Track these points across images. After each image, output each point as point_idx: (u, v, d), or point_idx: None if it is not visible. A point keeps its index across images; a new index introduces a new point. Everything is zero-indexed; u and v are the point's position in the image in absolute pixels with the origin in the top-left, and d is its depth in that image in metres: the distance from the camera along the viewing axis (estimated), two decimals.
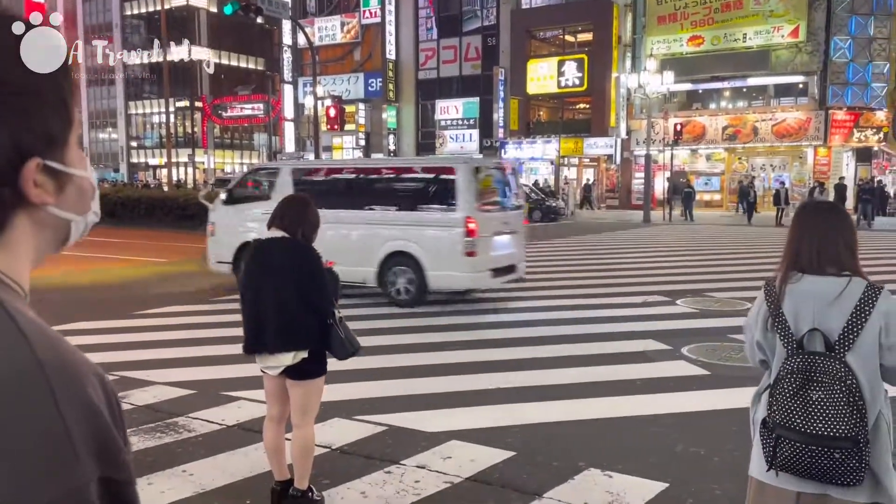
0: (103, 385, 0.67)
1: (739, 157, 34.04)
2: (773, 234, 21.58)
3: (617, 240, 19.25)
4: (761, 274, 11.90)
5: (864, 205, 24.85)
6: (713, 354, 6.51)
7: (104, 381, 0.68)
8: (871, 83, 30.98)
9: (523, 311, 8.67)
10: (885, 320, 2.16)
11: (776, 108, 32.65)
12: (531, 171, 38.28)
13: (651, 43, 34.53)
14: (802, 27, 30.95)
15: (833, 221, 2.33)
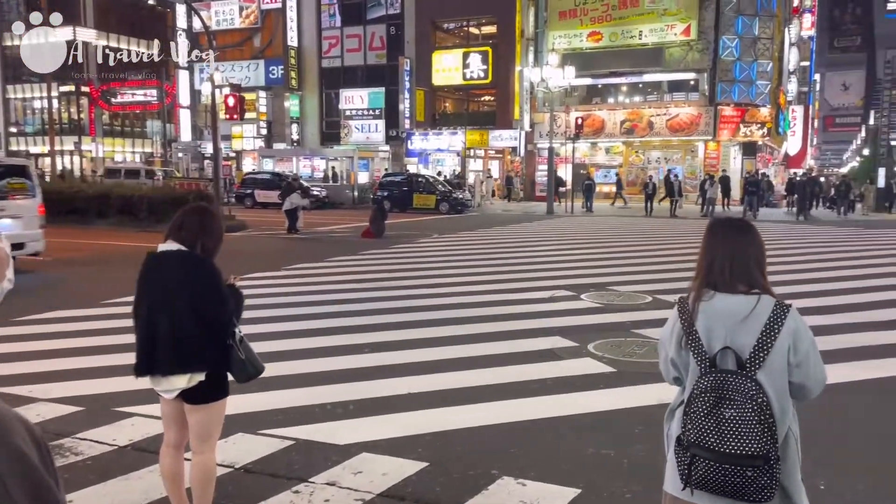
0: (30, 432, 0.70)
1: (636, 150, 35.34)
2: (669, 225, 22.54)
3: (523, 232, 19.55)
4: (660, 267, 12.38)
5: (750, 197, 26.33)
6: (618, 351, 6.65)
7: (31, 429, 0.71)
8: (756, 81, 32.85)
9: (428, 310, 8.59)
10: (793, 338, 2.20)
11: (670, 104, 34.09)
12: (437, 162, 38.37)
13: (553, 37, 35.24)
14: (694, 26, 32.40)
15: (743, 239, 2.34)
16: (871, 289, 10.12)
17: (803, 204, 26.68)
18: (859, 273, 11.72)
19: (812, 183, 29.71)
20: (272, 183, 27.89)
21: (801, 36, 48.46)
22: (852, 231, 20.69)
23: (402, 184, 29.34)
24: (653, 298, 9.27)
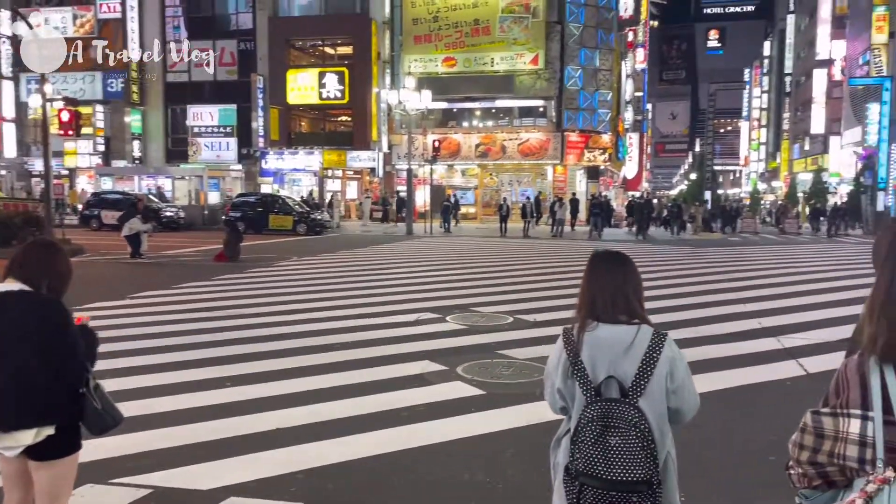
0: None
1: (490, 172, 36.51)
2: (523, 245, 23.39)
3: (384, 253, 19.49)
4: (518, 287, 12.74)
5: (595, 218, 27.94)
6: (486, 373, 6.72)
7: None
8: (598, 109, 35.10)
9: (291, 338, 8.27)
10: (670, 366, 2.30)
11: (521, 129, 35.60)
12: (293, 182, 37.57)
13: (408, 61, 35.76)
14: (541, 56, 34.13)
15: (623, 271, 2.42)
16: (709, 304, 10.97)
17: (642, 224, 28.69)
18: (696, 289, 12.70)
19: (648, 205, 32.07)
20: (121, 203, 26.04)
21: (636, 69, 52.54)
22: (687, 249, 22.48)
23: (257, 204, 28.41)
24: (514, 319, 9.50)
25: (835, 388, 1.56)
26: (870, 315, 1.48)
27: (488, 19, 34.64)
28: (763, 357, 7.45)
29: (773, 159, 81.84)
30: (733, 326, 9.09)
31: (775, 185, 75.22)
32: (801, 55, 69.10)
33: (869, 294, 1.57)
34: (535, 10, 34.07)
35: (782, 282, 13.83)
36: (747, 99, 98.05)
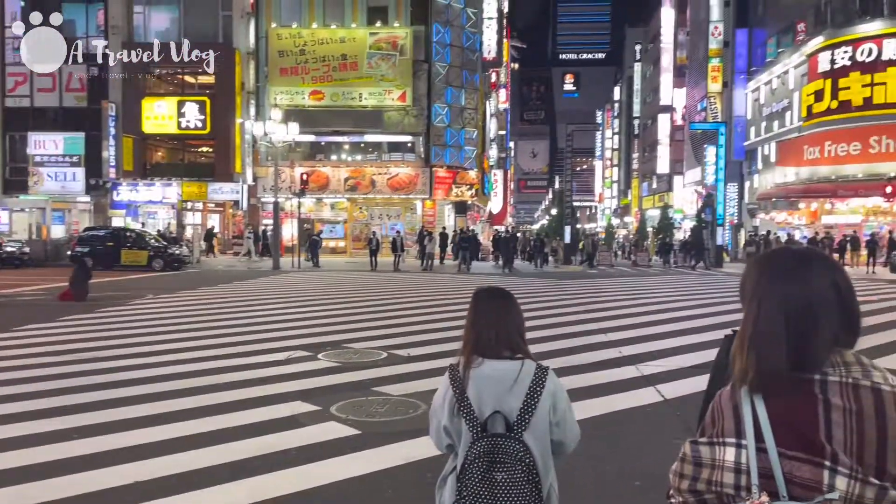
0: None
1: (360, 206, 36.40)
2: (394, 279, 23.37)
3: (250, 290, 18.78)
4: (390, 321, 12.67)
5: (463, 252, 28.49)
6: (361, 411, 6.57)
7: None
8: (464, 146, 36.07)
9: (148, 382, 7.71)
10: (553, 399, 2.36)
11: (390, 163, 35.86)
12: (148, 215, 35.60)
13: (274, 93, 35.18)
14: (409, 93, 34.70)
15: (506, 307, 2.47)
16: (572, 334, 11.40)
17: (507, 258, 29.58)
18: (560, 321, 13.18)
19: (513, 239, 33.17)
20: None
21: (499, 108, 54.65)
22: (550, 281, 23.37)
23: (108, 238, 26.62)
24: (388, 354, 9.40)
25: (711, 419, 1.61)
26: (740, 348, 1.53)
27: (356, 55, 34.86)
28: (625, 385, 7.80)
29: (624, 196, 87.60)
30: (596, 356, 9.48)
31: (627, 221, 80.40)
32: (647, 100, 74.87)
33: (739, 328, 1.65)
34: (402, 48, 34.69)
35: (638, 312, 14.66)
36: (600, 140, 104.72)
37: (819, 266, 1.52)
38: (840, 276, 1.52)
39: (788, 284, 1.50)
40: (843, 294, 1.49)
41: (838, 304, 1.48)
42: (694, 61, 55.41)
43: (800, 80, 36.04)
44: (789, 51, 37.68)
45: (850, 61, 31.93)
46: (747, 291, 1.57)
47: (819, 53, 33.50)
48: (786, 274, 1.52)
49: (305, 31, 34.89)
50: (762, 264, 1.59)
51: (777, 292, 1.50)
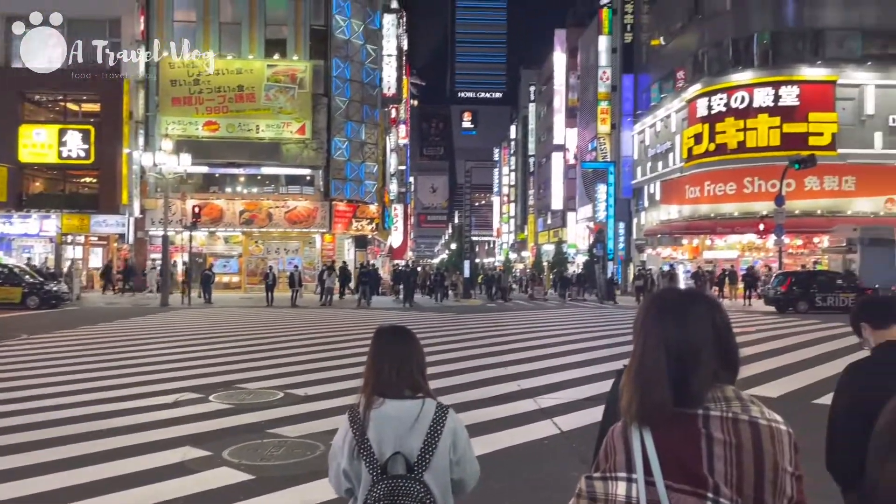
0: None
1: (256, 240, 35.50)
2: (291, 315, 22.81)
3: (136, 328, 17.80)
4: (287, 359, 12.32)
5: (363, 286, 28.27)
6: (255, 455, 6.30)
7: None
8: (364, 180, 36.02)
9: (24, 430, 7.11)
10: (453, 438, 2.34)
11: (288, 197, 35.27)
12: (23, 249, 33.28)
13: (166, 123, 34.00)
14: (308, 126, 34.41)
15: (407, 346, 2.45)
16: (472, 369, 11.46)
17: (408, 292, 29.57)
18: (460, 355, 13.23)
19: (413, 273, 33.25)
20: None
21: (399, 143, 55.11)
22: (450, 316, 23.50)
23: None
24: (284, 394, 9.11)
25: (604, 454, 1.66)
26: (627, 383, 1.60)
27: (253, 86, 34.31)
28: (523, 419, 7.88)
29: (521, 231, 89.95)
30: (495, 390, 9.56)
31: (524, 255, 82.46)
32: (541, 139, 77.66)
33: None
34: (301, 81, 34.45)
35: (536, 345, 14.95)
36: (498, 176, 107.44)
37: (700, 306, 1.60)
38: (719, 315, 1.60)
39: (671, 323, 1.57)
40: (722, 333, 1.58)
41: (717, 342, 1.56)
42: (584, 103, 58.12)
43: (681, 123, 38.47)
44: (671, 96, 40.21)
45: (725, 107, 34.41)
46: (636, 328, 1.64)
47: (697, 99, 35.94)
48: (669, 313, 1.59)
49: (199, 61, 34.06)
50: (649, 303, 1.67)
51: (660, 330, 1.57)
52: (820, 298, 24.27)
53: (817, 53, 33.47)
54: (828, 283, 25.25)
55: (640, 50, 46.37)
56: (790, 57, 33.74)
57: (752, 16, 34.75)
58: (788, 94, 32.82)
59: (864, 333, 2.64)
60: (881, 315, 2.59)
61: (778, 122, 32.80)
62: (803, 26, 33.69)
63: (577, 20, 68.37)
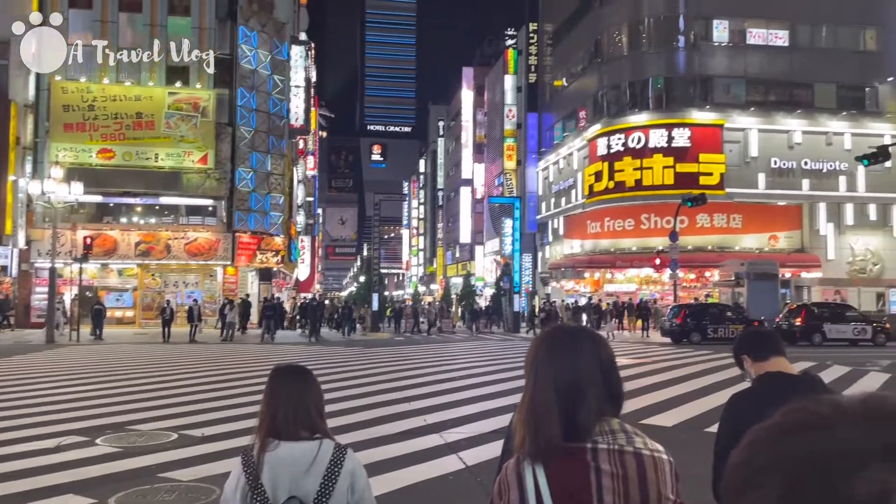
0: None
1: (153, 273, 34.00)
2: (189, 351, 21.87)
3: (14, 367, 16.56)
4: (184, 399, 11.76)
5: (268, 321, 27.52)
6: (145, 501, 5.93)
7: None
8: (270, 212, 35.28)
9: None
10: (351, 479, 2.30)
11: (188, 228, 34.07)
12: None
13: (56, 149, 32.30)
14: (211, 155, 33.50)
15: (304, 385, 2.41)
16: (379, 404, 11.29)
17: (314, 326, 29.00)
18: (367, 390, 13.02)
19: (320, 306, 32.68)
20: None
21: (307, 175, 54.49)
22: (357, 350, 23.17)
23: None
24: (178, 435, 8.66)
25: (498, 491, 1.68)
26: (520, 420, 1.63)
27: (153, 114, 33.17)
28: (428, 454, 7.81)
29: (430, 264, 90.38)
30: (401, 425, 9.44)
31: (433, 288, 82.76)
32: (450, 173, 78.74)
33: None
34: (204, 109, 33.60)
35: (443, 378, 14.93)
36: (407, 209, 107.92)
37: (586, 343, 1.67)
38: (604, 351, 1.67)
39: (560, 360, 1.63)
40: (606, 368, 1.65)
41: (602, 377, 1.62)
42: (491, 140, 59.52)
43: (582, 161, 39.97)
44: (573, 135, 41.79)
45: (623, 147, 36.06)
46: (528, 366, 1.68)
47: (598, 139, 37.50)
48: (558, 351, 1.65)
49: (95, 87, 32.67)
50: (539, 341, 1.72)
51: (550, 368, 1.62)
52: (712, 330, 25.52)
53: (706, 99, 35.73)
54: (719, 315, 26.60)
55: (544, 90, 48.09)
56: (682, 101, 35.85)
57: (647, 62, 36.77)
58: (681, 136, 34.78)
59: (745, 365, 2.76)
60: (760, 348, 2.72)
61: (672, 162, 34.62)
62: (694, 73, 35.93)
63: (483, 59, 70.35)
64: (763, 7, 35.44)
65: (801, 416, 0.53)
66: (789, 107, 35.74)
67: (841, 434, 0.50)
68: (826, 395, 0.55)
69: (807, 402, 0.54)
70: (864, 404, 0.52)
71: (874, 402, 0.53)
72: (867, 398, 0.53)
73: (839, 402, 0.53)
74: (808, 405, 0.54)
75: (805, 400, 0.55)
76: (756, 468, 0.53)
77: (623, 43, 38.02)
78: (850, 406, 0.52)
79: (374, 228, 43.13)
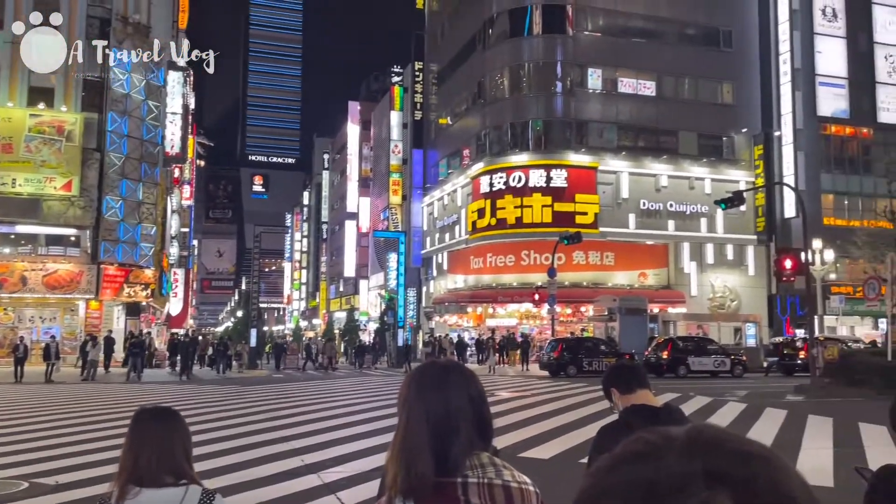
0: None
1: (5, 307, 31.26)
2: (45, 391, 20.15)
3: None
4: (37, 444, 10.74)
5: (134, 358, 25.89)
6: None
7: None
8: (140, 243, 33.40)
9: None
10: None
11: (48, 258, 31.68)
12: None
13: None
14: (76, 182, 31.45)
15: (170, 427, 2.29)
16: (254, 445, 10.78)
17: (186, 363, 27.56)
18: (242, 431, 12.43)
19: (193, 343, 31.13)
20: None
21: (182, 205, 52.25)
22: (232, 389, 22.17)
23: None
24: (29, 484, 7.89)
25: None
26: (391, 457, 1.63)
27: (11, 136, 30.80)
28: (304, 496, 7.52)
29: (313, 298, 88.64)
30: (277, 467, 9.06)
31: (315, 323, 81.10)
32: (335, 206, 78.07)
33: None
34: (69, 133, 31.57)
35: (322, 416, 14.52)
36: (289, 242, 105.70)
37: (456, 379, 1.69)
38: (474, 387, 1.69)
39: (431, 396, 1.65)
40: (477, 403, 1.67)
41: (472, 412, 1.65)
42: (377, 174, 59.67)
43: (466, 198, 40.80)
44: (457, 172, 42.64)
45: (504, 185, 37.14)
46: (400, 403, 1.69)
47: (481, 177, 38.45)
48: (429, 387, 1.67)
49: None
50: (411, 378, 1.73)
51: (422, 404, 1.64)
52: (587, 363, 26.45)
53: (582, 142, 37.59)
54: (593, 348, 27.66)
55: (429, 127, 48.91)
56: (560, 143, 37.52)
57: (528, 105, 38.30)
58: (558, 177, 36.29)
59: (613, 398, 2.84)
60: (626, 381, 2.81)
61: (550, 201, 36.00)
62: (570, 117, 37.76)
63: (370, 94, 70.80)
64: (633, 58, 37.95)
65: (637, 447, 0.60)
66: (657, 152, 38.21)
67: (668, 462, 0.57)
68: (662, 427, 0.62)
69: (642, 434, 0.61)
70: (687, 435, 0.60)
71: (694, 432, 0.60)
72: (690, 429, 0.61)
73: (668, 434, 0.60)
74: (643, 436, 0.61)
75: (643, 431, 0.62)
76: (599, 492, 0.60)
77: (505, 86, 39.43)
78: (677, 437, 0.60)
79: (254, 261, 41.83)
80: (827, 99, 38.93)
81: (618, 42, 37.91)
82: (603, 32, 38.36)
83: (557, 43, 37.86)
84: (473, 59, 41.44)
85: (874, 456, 9.29)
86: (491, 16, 39.81)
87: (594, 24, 38.44)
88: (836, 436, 11.43)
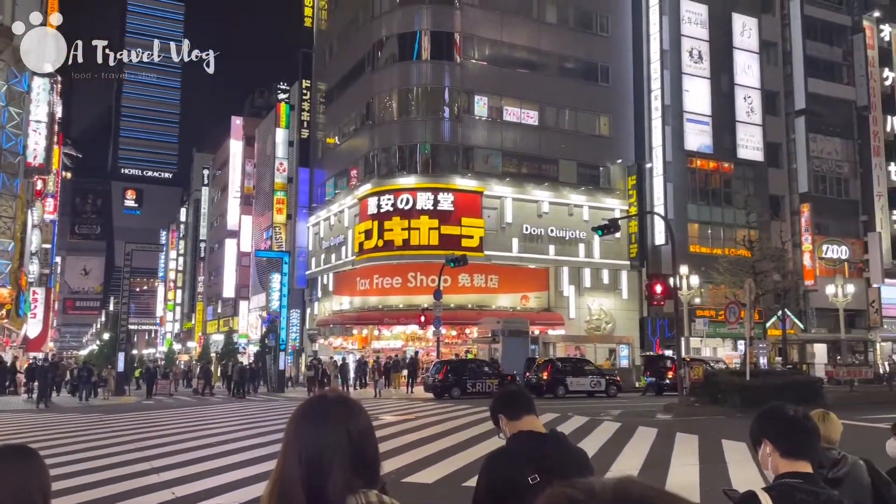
0: None
1: None
2: None
3: None
4: None
5: None
6: None
7: None
8: None
9: None
10: None
11: None
12: None
13: None
14: None
15: (25, 467, 1.99)
16: (119, 478, 10.04)
17: (44, 391, 25.48)
18: (105, 463, 11.57)
19: (52, 368, 28.84)
20: None
21: (44, 219, 48.62)
22: (96, 417, 20.67)
23: None
24: None
25: None
26: (267, 493, 1.61)
27: None
28: None
29: (188, 320, 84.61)
30: (146, 501, 8.48)
31: (190, 345, 77.39)
32: (214, 224, 75.21)
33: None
34: None
35: (196, 445, 13.77)
36: (164, 260, 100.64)
37: (338, 414, 1.64)
38: (357, 423, 1.65)
39: (306, 433, 1.61)
40: (357, 439, 1.62)
41: (352, 449, 1.60)
42: (261, 192, 58.13)
43: (353, 219, 40.46)
44: (344, 192, 42.25)
45: (392, 207, 37.16)
46: (284, 436, 1.65)
47: (368, 198, 38.28)
48: (308, 422, 1.63)
49: None
50: (296, 412, 1.68)
51: (298, 439, 1.61)
52: (471, 385, 26.72)
53: (468, 167, 38.29)
54: (477, 370, 27.99)
55: (316, 146, 48.27)
56: (447, 167, 38.04)
57: (416, 128, 38.64)
58: (445, 200, 36.73)
59: (500, 424, 2.84)
60: (514, 407, 2.81)
61: (437, 224, 36.34)
62: (457, 142, 38.41)
63: (254, 110, 69.17)
64: (517, 88, 39.22)
65: (558, 502, 0.59)
66: (538, 179, 39.53)
67: None
68: (583, 480, 0.61)
69: (565, 487, 0.60)
70: (613, 491, 0.59)
71: (622, 487, 0.59)
72: (617, 486, 0.60)
73: (593, 488, 0.59)
74: (565, 490, 0.60)
75: (564, 484, 0.61)
76: None
77: (394, 108, 39.61)
78: (602, 492, 0.59)
79: (124, 280, 39.41)
80: (693, 134, 41.80)
81: (503, 72, 39.08)
82: (489, 62, 39.43)
83: (445, 69, 38.53)
84: (362, 80, 41.41)
85: (736, 472, 9.89)
86: (381, 38, 40.00)
87: (480, 52, 39.45)
88: (701, 452, 12.08)
